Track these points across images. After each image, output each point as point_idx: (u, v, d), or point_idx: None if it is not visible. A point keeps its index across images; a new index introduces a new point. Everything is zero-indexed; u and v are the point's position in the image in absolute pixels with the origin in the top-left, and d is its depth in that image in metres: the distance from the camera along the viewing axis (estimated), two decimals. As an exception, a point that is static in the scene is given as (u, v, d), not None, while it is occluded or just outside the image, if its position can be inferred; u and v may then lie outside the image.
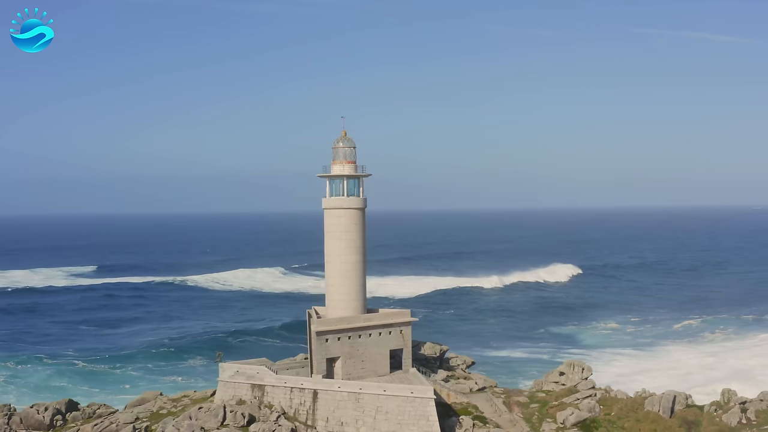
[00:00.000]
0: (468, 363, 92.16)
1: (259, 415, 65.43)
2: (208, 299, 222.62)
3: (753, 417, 68.20)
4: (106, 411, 78.23)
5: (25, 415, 75.65)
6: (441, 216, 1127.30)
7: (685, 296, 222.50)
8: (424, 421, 62.01)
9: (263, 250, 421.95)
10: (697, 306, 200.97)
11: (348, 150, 72.21)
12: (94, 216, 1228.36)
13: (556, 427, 68.89)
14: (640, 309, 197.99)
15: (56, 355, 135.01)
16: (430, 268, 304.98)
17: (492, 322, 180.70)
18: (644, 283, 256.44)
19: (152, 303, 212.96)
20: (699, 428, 66.88)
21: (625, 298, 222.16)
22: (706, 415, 69.33)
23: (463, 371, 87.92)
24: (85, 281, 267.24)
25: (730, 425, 67.00)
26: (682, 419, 68.42)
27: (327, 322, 68.55)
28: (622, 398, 74.40)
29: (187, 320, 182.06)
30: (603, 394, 75.37)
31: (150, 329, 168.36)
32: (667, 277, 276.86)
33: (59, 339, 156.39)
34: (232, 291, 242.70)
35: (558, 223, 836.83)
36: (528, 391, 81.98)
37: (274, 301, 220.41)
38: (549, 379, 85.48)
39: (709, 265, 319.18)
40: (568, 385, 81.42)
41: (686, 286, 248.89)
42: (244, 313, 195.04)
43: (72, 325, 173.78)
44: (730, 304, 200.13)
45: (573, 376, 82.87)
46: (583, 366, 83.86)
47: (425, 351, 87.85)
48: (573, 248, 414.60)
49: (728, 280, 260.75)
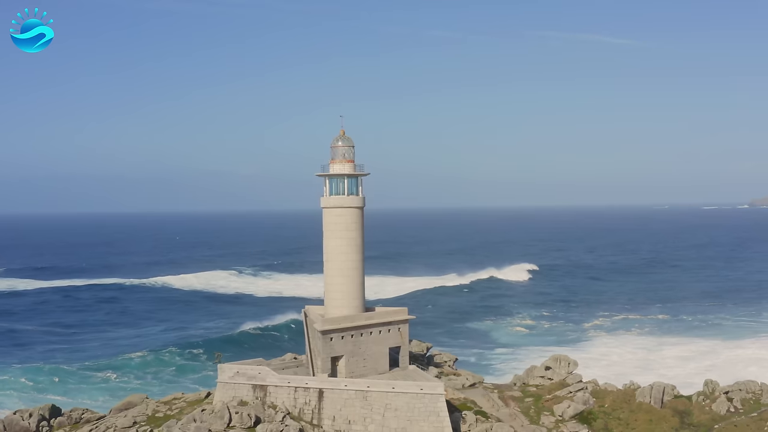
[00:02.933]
0: (452, 360, 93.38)
1: (264, 416, 64.80)
2: (169, 301, 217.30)
3: (739, 405, 71.41)
4: (93, 416, 76.12)
5: (9, 422, 72.97)
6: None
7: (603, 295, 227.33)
8: (434, 417, 62.57)
9: (207, 251, 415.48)
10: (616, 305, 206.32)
11: (347, 149, 72.15)
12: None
13: (555, 420, 70.55)
14: (561, 306, 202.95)
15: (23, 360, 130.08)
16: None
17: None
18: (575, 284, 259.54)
19: (111, 306, 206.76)
20: (691, 417, 69.57)
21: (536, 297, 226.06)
22: (695, 404, 72.15)
23: (451, 367, 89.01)
24: (37, 284, 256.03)
25: (720, 413, 69.98)
26: (672, 409, 71.04)
27: (332, 321, 68.36)
28: (612, 390, 76.75)
29: (149, 323, 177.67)
30: (594, 387, 77.55)
31: (113, 333, 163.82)
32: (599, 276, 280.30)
33: (21, 344, 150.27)
34: (191, 292, 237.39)
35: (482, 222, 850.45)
36: (518, 386, 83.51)
37: (232, 302, 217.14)
38: (534, 373, 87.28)
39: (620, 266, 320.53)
40: (555, 380, 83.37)
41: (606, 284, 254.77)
42: (205, 315, 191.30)
43: (26, 331, 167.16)
44: (638, 305, 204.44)
45: (559, 371, 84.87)
46: (569, 360, 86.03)
47: (413, 348, 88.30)
48: (490, 249, 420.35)
49: (639, 280, 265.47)
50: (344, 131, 72.88)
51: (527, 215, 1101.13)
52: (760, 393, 75.53)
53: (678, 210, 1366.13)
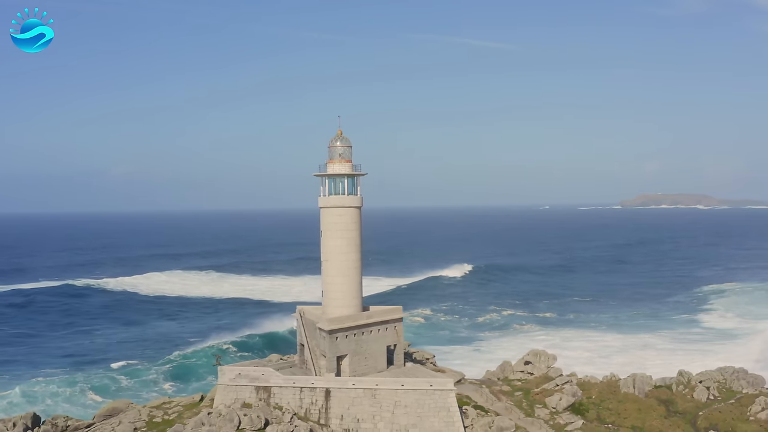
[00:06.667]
0: (432, 357, 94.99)
1: (271, 418, 64.48)
2: (133, 303, 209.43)
3: (717, 393, 75.92)
4: (80, 423, 73.65)
5: (-9, 432, 69.77)
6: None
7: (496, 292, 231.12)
8: (444, 413, 63.86)
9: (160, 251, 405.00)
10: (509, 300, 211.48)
11: (345, 149, 72.50)
12: None
13: (549, 412, 73.06)
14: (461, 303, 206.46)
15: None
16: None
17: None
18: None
19: (66, 309, 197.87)
20: (675, 406, 73.47)
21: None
22: (676, 393, 76.21)
23: (434, 365, 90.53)
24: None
25: (702, 401, 74.21)
26: (656, 399, 74.81)
27: (338, 321, 68.59)
28: (596, 382, 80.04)
29: (111, 328, 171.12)
30: (578, 380, 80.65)
31: (76, 338, 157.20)
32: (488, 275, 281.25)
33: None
34: (160, 296, 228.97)
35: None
36: (502, 381, 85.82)
37: (203, 304, 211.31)
38: (515, 368, 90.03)
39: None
40: (536, 374, 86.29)
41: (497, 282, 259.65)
42: (174, 319, 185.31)
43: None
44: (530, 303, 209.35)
45: (539, 365, 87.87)
46: (548, 355, 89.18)
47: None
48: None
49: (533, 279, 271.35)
50: (342, 131, 73.26)
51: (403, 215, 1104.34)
52: (724, 381, 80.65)
53: (558, 210, 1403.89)
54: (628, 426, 69.63)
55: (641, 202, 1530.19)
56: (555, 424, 70.81)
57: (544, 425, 70.23)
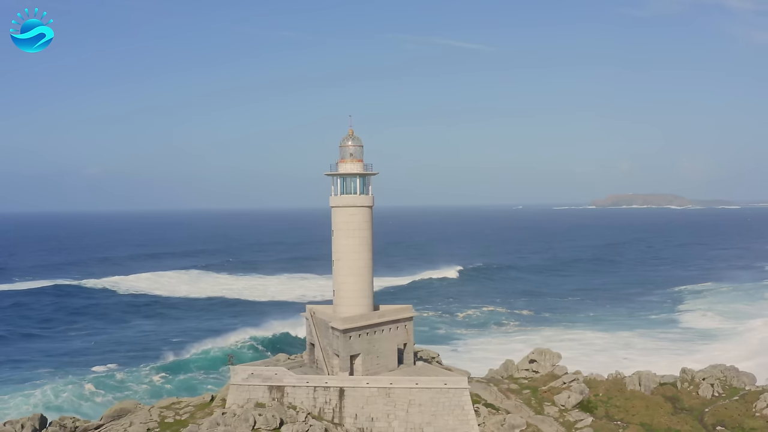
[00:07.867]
0: (437, 356, 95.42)
1: (286, 417, 64.53)
2: (121, 304, 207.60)
3: (721, 390, 76.99)
4: (90, 424, 73.34)
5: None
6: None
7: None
8: (459, 411, 64.34)
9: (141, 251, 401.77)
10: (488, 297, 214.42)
11: (356, 148, 72.67)
12: None
13: (558, 409, 73.71)
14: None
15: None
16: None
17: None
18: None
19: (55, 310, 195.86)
20: (682, 403, 74.41)
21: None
22: (681, 390, 77.17)
23: (439, 363, 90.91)
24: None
25: (707, 398, 75.26)
26: (662, 396, 75.72)
27: (351, 320, 68.73)
28: (602, 380, 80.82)
29: (101, 328, 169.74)
30: (584, 378, 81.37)
31: (67, 340, 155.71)
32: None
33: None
34: (149, 296, 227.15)
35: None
36: (507, 379, 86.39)
37: (203, 304, 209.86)
38: (519, 366, 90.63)
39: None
40: (542, 372, 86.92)
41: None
42: (175, 319, 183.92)
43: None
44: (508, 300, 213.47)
45: (544, 363, 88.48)
46: (553, 353, 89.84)
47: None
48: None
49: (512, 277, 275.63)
50: (353, 131, 73.43)
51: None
52: (725, 378, 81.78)
53: (532, 210, 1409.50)
54: (637, 423, 70.38)
55: (613, 202, 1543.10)
56: (565, 421, 71.45)
57: (554, 423, 70.87)
